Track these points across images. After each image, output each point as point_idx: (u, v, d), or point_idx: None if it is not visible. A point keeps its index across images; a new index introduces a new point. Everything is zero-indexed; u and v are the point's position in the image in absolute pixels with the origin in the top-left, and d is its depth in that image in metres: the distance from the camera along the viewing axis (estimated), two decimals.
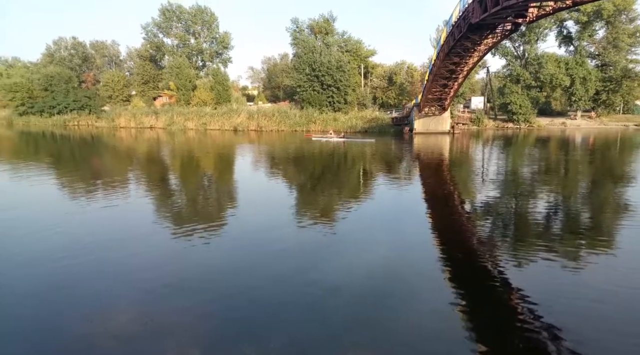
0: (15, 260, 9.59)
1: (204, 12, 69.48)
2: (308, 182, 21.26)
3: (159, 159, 30.11)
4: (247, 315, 7.26)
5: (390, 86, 67.75)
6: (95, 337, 6.57)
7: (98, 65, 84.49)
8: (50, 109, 62.84)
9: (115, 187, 18.77)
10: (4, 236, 11.36)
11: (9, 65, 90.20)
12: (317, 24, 66.57)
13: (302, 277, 8.85)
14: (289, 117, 55.07)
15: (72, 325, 6.94)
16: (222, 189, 19.28)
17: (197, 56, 72.17)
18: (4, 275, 8.79)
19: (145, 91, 70.99)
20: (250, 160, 29.34)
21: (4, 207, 14.85)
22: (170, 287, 8.34)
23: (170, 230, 12.35)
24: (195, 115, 57.12)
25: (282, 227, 12.53)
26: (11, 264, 9.36)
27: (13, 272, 8.96)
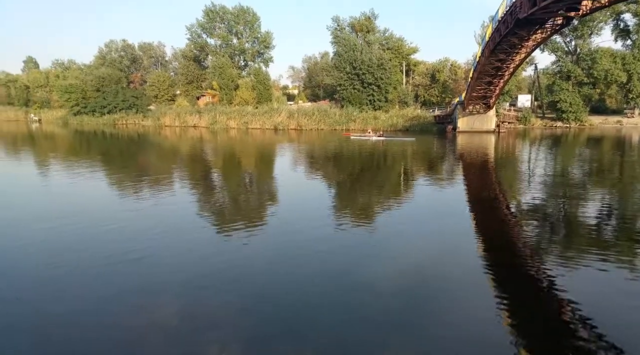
0: (68, 255, 9.99)
1: (247, 12, 70.51)
2: (347, 181, 21.10)
3: (202, 157, 30.80)
4: (285, 313, 7.22)
5: (433, 84, 66.44)
6: (142, 328, 6.73)
7: (145, 66, 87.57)
8: (101, 108, 65.76)
9: (160, 184, 19.33)
10: (59, 231, 11.86)
11: (65, 67, 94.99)
12: (359, 22, 66.15)
13: (341, 278, 8.72)
14: (328, 116, 55.07)
15: (120, 316, 7.12)
16: (262, 187, 19.44)
17: (239, 56, 73.35)
18: (61, 268, 9.15)
19: (189, 91, 72.90)
20: (290, 159, 29.49)
21: (59, 204, 15.57)
22: (212, 283, 8.43)
23: (213, 227, 12.57)
24: (237, 114, 58.12)
25: (321, 226, 12.44)
26: (65, 259, 9.76)
27: (68, 265, 9.33)
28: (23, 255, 9.90)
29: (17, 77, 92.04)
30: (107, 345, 6.30)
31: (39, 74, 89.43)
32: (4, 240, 11.05)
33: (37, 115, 78.29)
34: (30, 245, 10.60)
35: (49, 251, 10.14)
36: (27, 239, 11.02)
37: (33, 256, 9.80)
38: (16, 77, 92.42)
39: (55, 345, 6.33)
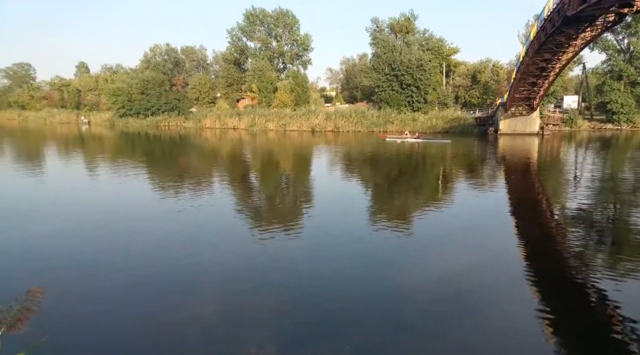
0: (112, 253, 10.38)
1: (286, 15, 71.19)
2: (384, 183, 20.90)
3: (241, 159, 31.33)
4: (323, 316, 7.23)
5: (474, 85, 64.86)
6: (183, 325, 6.90)
7: (187, 69, 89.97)
8: (145, 111, 68.06)
9: (201, 185, 19.83)
10: (106, 231, 12.36)
11: (113, 71, 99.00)
12: (398, 23, 65.51)
13: (378, 282, 8.62)
14: (366, 118, 54.77)
15: (161, 312, 7.36)
16: (300, 189, 19.54)
17: (278, 59, 74.11)
18: (108, 266, 9.53)
19: (229, 93, 74.27)
20: (327, 161, 29.52)
21: (106, 204, 16.23)
22: (251, 283, 8.55)
23: (252, 227, 12.74)
24: (276, 116, 58.73)
25: (358, 229, 12.37)
26: (112, 258, 10.14)
27: (112, 264, 9.70)
28: (72, 252, 10.36)
29: (69, 82, 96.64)
30: (150, 339, 6.55)
31: (89, 78, 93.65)
32: (55, 239, 11.59)
33: (87, 117, 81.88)
34: (75, 242, 11.09)
35: (94, 249, 10.57)
36: (72, 237, 11.55)
37: (77, 253, 10.24)
38: (69, 81, 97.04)
39: (103, 338, 6.57)
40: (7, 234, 11.69)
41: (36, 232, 11.91)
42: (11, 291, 2.85)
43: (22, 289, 2.73)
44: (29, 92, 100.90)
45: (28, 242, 11.08)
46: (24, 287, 2.76)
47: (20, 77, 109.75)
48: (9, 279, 8.64)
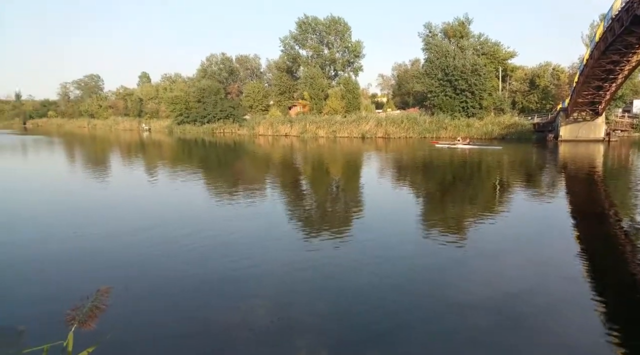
0: (172, 257, 10.86)
1: (338, 22, 71.69)
2: (436, 191, 20.44)
3: (292, 165, 31.77)
4: (372, 326, 7.16)
5: (532, 90, 62.12)
6: (235, 326, 7.09)
7: (241, 77, 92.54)
8: (201, 118, 70.71)
9: (254, 190, 20.32)
10: (163, 233, 12.95)
11: (172, 81, 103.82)
12: (452, 28, 64.12)
13: (430, 292, 8.43)
14: (418, 124, 53.93)
15: (216, 314, 7.58)
16: (350, 196, 19.51)
17: (329, 66, 74.66)
18: (166, 267, 10.01)
19: (281, 101, 75.65)
20: (377, 167, 29.29)
21: (164, 207, 16.98)
22: (300, 289, 8.65)
23: (302, 234, 12.87)
24: (326, 123, 59.12)
25: (409, 237, 12.19)
26: (170, 260, 10.61)
27: (171, 266, 10.15)
28: (134, 253, 10.93)
29: (132, 91, 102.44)
30: (205, 339, 6.75)
31: (150, 87, 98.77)
32: (120, 240, 12.27)
33: (148, 124, 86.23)
34: (137, 244, 11.67)
35: (153, 251, 11.09)
36: (133, 239, 12.17)
37: (139, 255, 10.77)
38: (132, 90, 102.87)
39: (161, 336, 6.86)
40: (77, 234, 12.47)
41: (103, 233, 12.64)
42: (82, 290, 3.05)
43: (92, 287, 2.91)
44: (98, 101, 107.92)
45: (96, 243, 11.75)
46: (94, 286, 2.93)
47: (90, 88, 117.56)
48: (80, 278, 9.22)
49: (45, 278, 9.24)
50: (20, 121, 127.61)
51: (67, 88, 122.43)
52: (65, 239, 12.00)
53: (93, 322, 2.69)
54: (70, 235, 12.32)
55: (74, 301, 2.75)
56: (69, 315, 2.71)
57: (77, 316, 2.70)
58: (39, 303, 7.92)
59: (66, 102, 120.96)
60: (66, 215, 15.19)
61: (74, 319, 2.69)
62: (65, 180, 24.69)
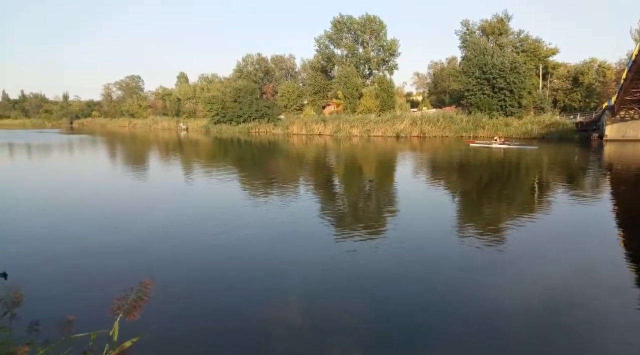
0: (208, 253, 11.13)
1: (373, 21, 71.24)
2: (472, 192, 19.98)
3: (325, 164, 31.83)
4: (406, 324, 7.12)
5: (575, 87, 59.81)
6: (269, 323, 7.20)
7: (277, 77, 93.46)
8: (237, 118, 71.90)
9: (287, 188, 20.50)
10: (199, 231, 13.29)
11: (209, 81, 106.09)
12: (490, 25, 62.57)
13: (463, 293, 8.27)
14: (454, 123, 52.95)
15: (250, 309, 7.72)
16: (383, 196, 19.37)
17: (364, 65, 74.33)
18: (202, 262, 10.26)
19: (315, 100, 75.91)
20: (411, 167, 28.92)
21: (201, 204, 17.37)
22: (335, 287, 8.69)
23: (336, 232, 12.87)
24: (360, 122, 58.89)
25: (443, 238, 11.99)
26: (205, 256, 10.87)
27: (207, 261, 10.40)
28: (171, 248, 11.25)
29: (171, 91, 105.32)
30: (239, 333, 6.93)
31: (188, 87, 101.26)
32: (159, 235, 12.66)
33: (185, 124, 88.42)
34: (174, 238, 12.00)
35: (189, 246, 11.38)
36: (171, 234, 12.52)
37: (176, 249, 11.06)
38: (170, 91, 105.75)
39: (198, 328, 7.03)
40: (119, 229, 12.96)
41: (143, 228, 13.13)
42: (125, 282, 3.15)
43: (134, 280, 3.02)
44: (138, 101, 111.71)
45: (136, 237, 12.19)
46: (136, 278, 3.03)
47: (131, 88, 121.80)
48: (123, 270, 9.57)
49: (91, 270, 9.66)
50: (67, 121, 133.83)
51: (110, 89, 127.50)
52: (107, 233, 12.47)
53: (137, 312, 2.79)
54: (111, 230, 12.79)
55: (119, 292, 2.86)
56: (115, 305, 2.83)
57: (122, 306, 2.81)
58: (85, 293, 8.32)
59: (109, 102, 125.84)
60: (107, 211, 15.77)
61: (119, 309, 2.81)
62: (107, 177, 25.64)
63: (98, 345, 3.01)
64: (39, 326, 3.09)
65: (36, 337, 2.97)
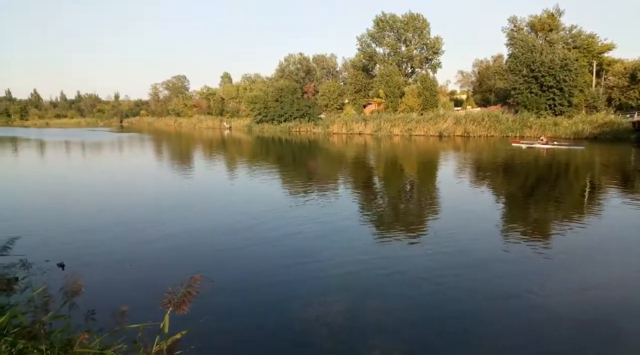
0: (252, 251, 11.38)
1: (416, 19, 70.13)
2: (518, 193, 19.31)
3: (365, 163, 31.64)
4: (446, 328, 7.03)
5: (633, 85, 56.50)
6: (310, 321, 7.28)
7: (318, 76, 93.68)
8: (279, 117, 72.64)
9: (327, 188, 20.60)
10: (241, 230, 13.60)
11: (252, 81, 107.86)
12: (539, 21, 60.11)
13: (506, 299, 8.04)
14: (500, 122, 51.30)
15: (292, 308, 7.83)
16: (424, 195, 19.07)
17: (406, 63, 73.34)
18: (245, 261, 10.53)
19: (356, 99, 75.56)
20: (454, 167, 28.27)
21: (243, 202, 17.74)
22: (373, 287, 8.67)
23: (376, 233, 12.89)
24: (402, 121, 58.12)
25: (487, 241, 11.71)
26: (249, 254, 11.14)
27: (250, 260, 10.65)
28: (215, 245, 11.56)
29: (215, 91, 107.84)
30: (282, 332, 7.07)
31: (232, 87, 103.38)
32: (204, 231, 13.05)
33: (229, 123, 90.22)
34: (219, 236, 12.29)
35: (233, 245, 11.69)
36: (216, 232, 12.85)
37: (221, 247, 11.35)
38: (214, 90, 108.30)
39: (243, 324, 7.26)
40: (166, 226, 13.43)
41: (189, 225, 13.59)
42: (175, 277, 3.25)
43: (183, 275, 3.12)
44: (183, 101, 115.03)
45: (184, 234, 12.62)
46: (184, 274, 3.13)
47: (177, 88, 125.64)
48: (170, 265, 9.95)
49: (141, 264, 10.12)
50: (117, 120, 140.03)
51: (157, 88, 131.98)
52: (155, 229, 13.01)
53: (186, 306, 2.88)
54: (159, 226, 13.27)
55: (168, 286, 2.96)
56: (165, 298, 2.93)
57: (172, 300, 2.91)
58: (136, 286, 8.74)
59: (156, 101, 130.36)
60: (156, 207, 16.41)
61: (170, 303, 2.91)
62: (156, 175, 26.73)
63: (148, 336, 3.14)
64: (95, 315, 3.25)
65: (92, 326, 3.13)
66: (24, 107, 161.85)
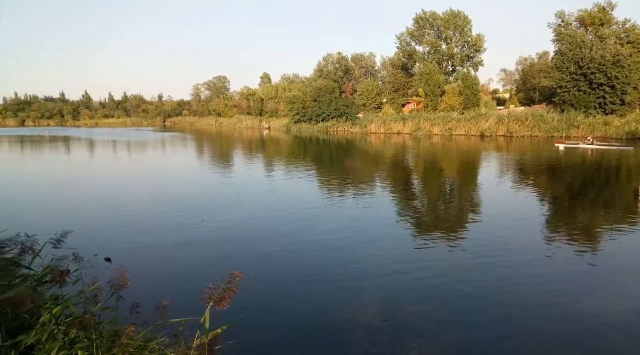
0: (289, 250, 11.52)
1: (457, 16, 68.74)
2: (564, 196, 18.54)
3: (403, 163, 31.31)
4: (489, 335, 6.83)
5: None
6: (345, 321, 7.26)
7: (356, 76, 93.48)
8: (316, 117, 72.99)
9: (363, 187, 20.53)
10: (279, 228, 13.79)
11: (290, 81, 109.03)
12: (589, 15, 57.49)
13: (556, 309, 7.68)
14: (544, 122, 49.47)
15: (329, 307, 7.84)
16: (464, 197, 18.66)
17: (447, 61, 72.01)
18: (284, 259, 10.65)
19: (395, 98, 74.89)
20: (496, 167, 27.49)
21: (281, 202, 17.95)
22: (411, 289, 8.56)
23: (413, 234, 12.71)
24: (442, 120, 57.13)
25: (530, 243, 11.30)
26: (286, 253, 11.27)
27: (288, 258, 10.77)
28: (255, 242, 11.78)
29: (254, 91, 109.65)
30: (318, 331, 7.08)
31: (271, 87, 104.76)
32: (242, 229, 13.32)
33: (267, 123, 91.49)
34: (256, 232, 12.53)
35: (272, 242, 11.84)
36: (255, 229, 13.09)
37: (260, 243, 11.57)
38: (254, 91, 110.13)
39: (280, 321, 7.31)
40: (205, 223, 13.77)
41: (228, 222, 13.86)
42: (213, 275, 3.34)
43: (222, 272, 3.21)
44: (224, 101, 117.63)
45: (222, 231, 12.90)
46: (224, 270, 3.22)
47: (218, 88, 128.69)
48: (212, 262, 10.18)
49: (182, 260, 10.42)
50: (160, 119, 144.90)
51: (199, 89, 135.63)
52: (196, 226, 13.37)
53: (226, 302, 2.97)
54: (201, 225, 13.63)
55: (210, 283, 3.06)
56: (206, 294, 3.03)
57: (212, 296, 3.00)
58: (177, 281, 9.01)
59: (197, 101, 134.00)
60: (196, 204, 16.85)
61: (210, 298, 3.00)
62: (197, 173, 27.46)
63: (189, 331, 3.26)
64: (139, 308, 3.41)
65: (137, 319, 3.28)
66: (76, 108, 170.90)
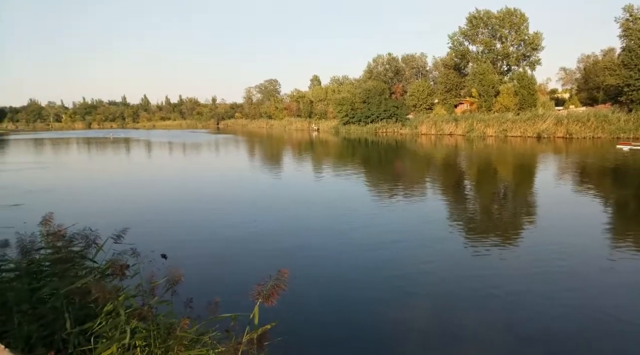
0: (338, 250, 11.63)
1: (513, 14, 66.28)
2: (630, 202, 17.42)
3: (456, 166, 30.60)
4: (545, 344, 6.56)
5: None
6: (394, 323, 7.27)
7: (407, 76, 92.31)
8: (365, 118, 72.72)
9: (413, 190, 20.27)
10: (328, 228, 13.96)
11: (340, 83, 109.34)
12: None
13: (621, 322, 7.27)
14: (609, 122, 46.61)
15: (376, 309, 7.82)
16: (520, 201, 17.99)
17: (502, 61, 69.60)
18: (331, 259, 10.78)
19: (447, 99, 73.27)
20: (554, 171, 26.25)
21: (330, 202, 18.12)
22: (463, 294, 8.41)
23: (465, 238, 12.44)
24: (496, 121, 55.23)
25: (592, 253, 10.71)
26: (333, 253, 11.39)
27: (335, 261, 10.88)
28: (302, 241, 11.96)
29: (304, 93, 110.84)
30: (366, 333, 7.08)
31: (320, 89, 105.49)
32: (291, 228, 13.61)
33: (317, 125, 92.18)
34: (304, 232, 12.73)
35: (317, 241, 12.01)
36: (302, 229, 13.32)
37: (306, 243, 11.75)
38: (304, 93, 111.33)
39: (326, 320, 7.39)
40: (257, 222, 14.19)
41: (277, 222, 14.22)
42: (261, 273, 3.51)
43: (269, 270, 3.36)
44: (275, 103, 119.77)
45: (272, 230, 13.23)
46: (272, 269, 3.38)
47: (269, 91, 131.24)
48: (261, 261, 10.44)
49: (234, 258, 10.78)
50: (214, 122, 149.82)
51: (251, 92, 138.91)
52: (247, 225, 13.78)
53: (274, 299, 3.11)
54: (252, 224, 14.02)
55: (258, 279, 3.21)
56: (255, 291, 3.19)
57: (262, 292, 3.15)
58: (228, 278, 9.34)
59: (249, 104, 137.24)
60: (248, 204, 17.36)
61: (259, 295, 3.15)
62: (249, 174, 28.22)
63: (239, 326, 3.44)
64: (193, 303, 3.66)
65: (190, 313, 3.52)
66: (136, 111, 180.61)
